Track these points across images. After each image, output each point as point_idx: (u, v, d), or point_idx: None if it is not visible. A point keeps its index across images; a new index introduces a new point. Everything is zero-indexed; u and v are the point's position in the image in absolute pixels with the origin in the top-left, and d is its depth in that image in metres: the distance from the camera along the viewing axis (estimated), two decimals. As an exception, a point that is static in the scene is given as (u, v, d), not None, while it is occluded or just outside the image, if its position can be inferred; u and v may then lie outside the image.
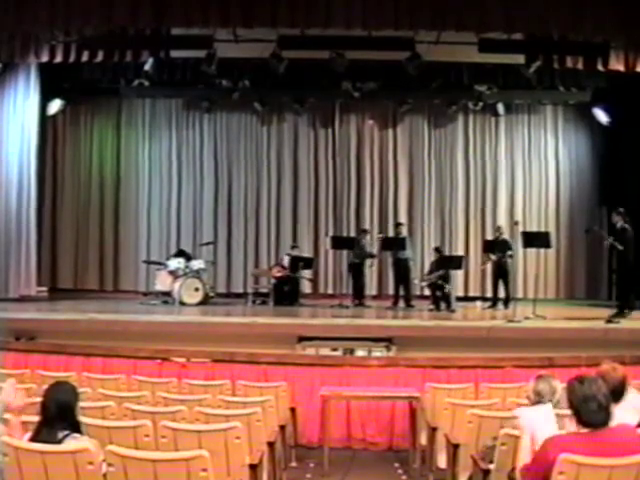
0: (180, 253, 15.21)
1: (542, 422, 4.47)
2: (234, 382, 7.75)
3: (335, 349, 10.07)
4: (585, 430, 3.81)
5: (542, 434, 4.20)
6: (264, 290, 15.36)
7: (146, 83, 15.50)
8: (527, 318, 11.62)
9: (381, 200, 17.61)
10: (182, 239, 17.23)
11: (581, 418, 3.84)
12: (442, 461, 6.54)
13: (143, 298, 15.43)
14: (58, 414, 4.33)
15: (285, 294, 14.72)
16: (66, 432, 4.29)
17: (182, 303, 14.01)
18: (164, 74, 15.25)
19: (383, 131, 17.66)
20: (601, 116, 16.31)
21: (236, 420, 5.40)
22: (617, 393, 4.43)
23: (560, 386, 5.17)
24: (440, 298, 13.82)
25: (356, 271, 14.72)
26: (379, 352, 9.93)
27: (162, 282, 14.60)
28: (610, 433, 3.80)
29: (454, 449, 5.93)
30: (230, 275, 17.46)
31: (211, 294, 15.15)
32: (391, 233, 16.08)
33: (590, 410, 3.79)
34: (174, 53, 14.07)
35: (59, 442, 4.25)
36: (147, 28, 12.92)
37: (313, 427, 8.44)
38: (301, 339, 10.19)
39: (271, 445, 6.05)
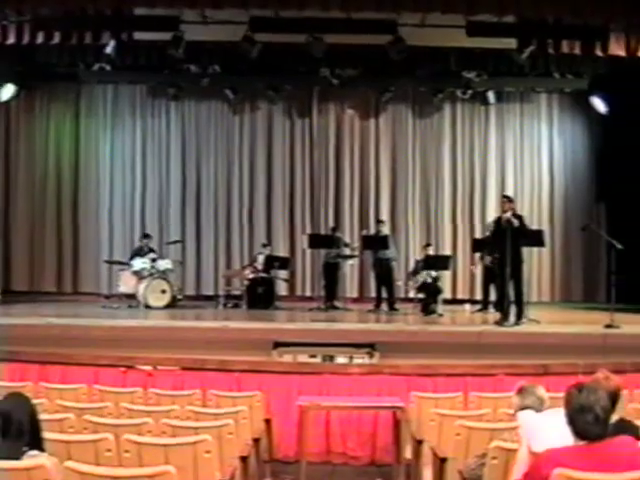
0: (145, 236, 15.23)
1: (547, 430, 4.44)
2: (204, 392, 7.73)
3: (314, 356, 10.07)
4: (581, 443, 3.82)
5: (542, 443, 4.18)
6: (236, 292, 15.37)
7: (107, 67, 15.44)
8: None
9: (362, 195, 17.67)
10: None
11: (575, 429, 3.84)
12: (428, 476, 6.55)
13: (105, 301, 15.34)
14: (10, 429, 4.29)
15: (259, 296, 14.69)
16: (25, 448, 4.26)
17: (148, 306, 13.96)
18: (127, 58, 15.18)
19: (364, 121, 17.69)
20: (599, 105, 16.39)
21: (206, 433, 5.38)
22: (611, 402, 4.45)
23: (546, 394, 5.20)
24: (430, 301, 13.85)
25: (331, 271, 14.76)
26: (361, 359, 9.94)
27: (126, 283, 14.54)
28: (608, 446, 3.81)
29: (441, 463, 5.94)
30: (199, 276, 17.43)
31: (179, 296, 15.13)
32: (372, 231, 16.12)
33: (585, 421, 3.78)
34: (137, 35, 14.02)
35: (18, 458, 4.22)
36: (108, 8, 12.85)
37: (290, 440, 8.43)
38: (277, 345, 10.17)
39: (244, 460, 6.04)
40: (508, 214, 11.76)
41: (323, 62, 15.31)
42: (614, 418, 4.52)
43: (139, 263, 14.45)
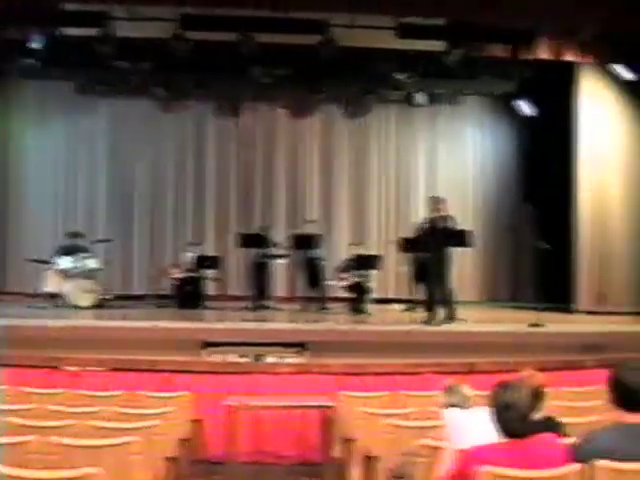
0: (76, 234, 14.95)
1: (471, 428, 4.51)
2: (132, 392, 7.65)
3: (243, 355, 10.05)
4: (506, 440, 3.88)
5: (467, 441, 4.24)
6: (165, 292, 15.22)
7: (35, 63, 15.12)
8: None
9: (292, 195, 17.69)
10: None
11: (500, 427, 3.90)
12: (357, 475, 6.59)
13: (31, 301, 15.05)
14: None
15: (188, 296, 14.62)
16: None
17: (74, 306, 13.75)
18: (55, 54, 14.85)
19: (295, 121, 17.70)
20: (526, 108, 16.68)
21: (134, 434, 5.35)
22: (535, 400, 4.54)
23: (471, 391, 5.29)
24: (359, 300, 13.93)
25: (261, 271, 14.76)
26: (291, 358, 9.96)
27: (52, 283, 14.28)
28: (532, 444, 3.88)
29: (369, 462, 5.99)
30: (128, 275, 17.24)
31: (107, 296, 14.91)
32: (302, 230, 16.11)
33: (509, 419, 3.84)
34: (66, 31, 13.79)
35: None
36: (36, 3, 12.62)
37: (219, 440, 8.39)
38: (206, 345, 10.13)
39: (173, 460, 6.01)
40: (438, 214, 11.89)
41: (254, 61, 15.22)
42: (538, 415, 4.62)
43: (66, 262, 14.23)
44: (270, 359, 9.96)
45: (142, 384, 8.37)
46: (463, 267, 16.86)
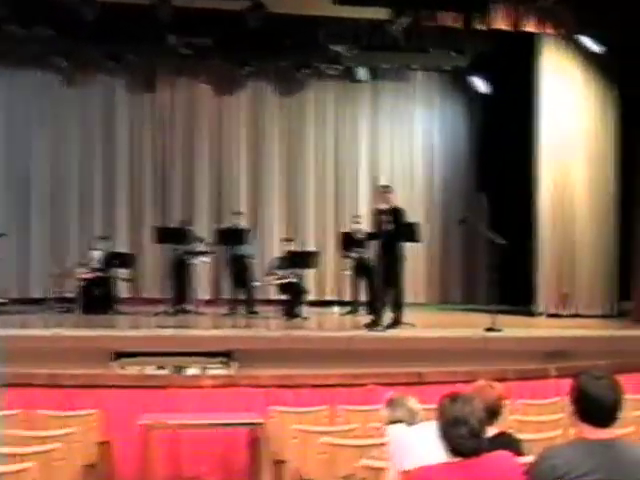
0: None
1: (418, 446, 4.52)
2: (29, 411, 7.55)
3: (162, 367, 10.00)
4: (455, 459, 3.89)
5: (414, 460, 4.25)
6: (69, 294, 15.05)
7: None
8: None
9: (217, 183, 17.65)
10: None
11: (449, 444, 3.89)
12: (289, 501, 6.61)
13: None
14: None
15: (96, 299, 14.46)
16: None
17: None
18: None
19: (219, 98, 17.65)
20: (480, 85, 16.84)
21: (30, 460, 5.26)
22: (491, 414, 4.58)
23: (419, 405, 5.32)
24: (293, 303, 13.95)
25: (181, 270, 14.69)
26: (215, 369, 9.94)
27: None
28: (485, 462, 3.87)
29: (304, 486, 6.00)
30: (25, 276, 16.99)
31: (0, 300, 14.71)
32: (228, 223, 16.07)
33: (459, 435, 3.82)
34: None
35: None
36: None
37: (132, 464, 8.32)
38: (118, 355, 10.05)
39: (76, 489, 5.94)
40: (386, 206, 11.93)
41: (171, 29, 15.11)
42: (493, 431, 4.65)
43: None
44: (192, 371, 9.93)
45: (41, 402, 8.25)
46: (410, 265, 16.96)
